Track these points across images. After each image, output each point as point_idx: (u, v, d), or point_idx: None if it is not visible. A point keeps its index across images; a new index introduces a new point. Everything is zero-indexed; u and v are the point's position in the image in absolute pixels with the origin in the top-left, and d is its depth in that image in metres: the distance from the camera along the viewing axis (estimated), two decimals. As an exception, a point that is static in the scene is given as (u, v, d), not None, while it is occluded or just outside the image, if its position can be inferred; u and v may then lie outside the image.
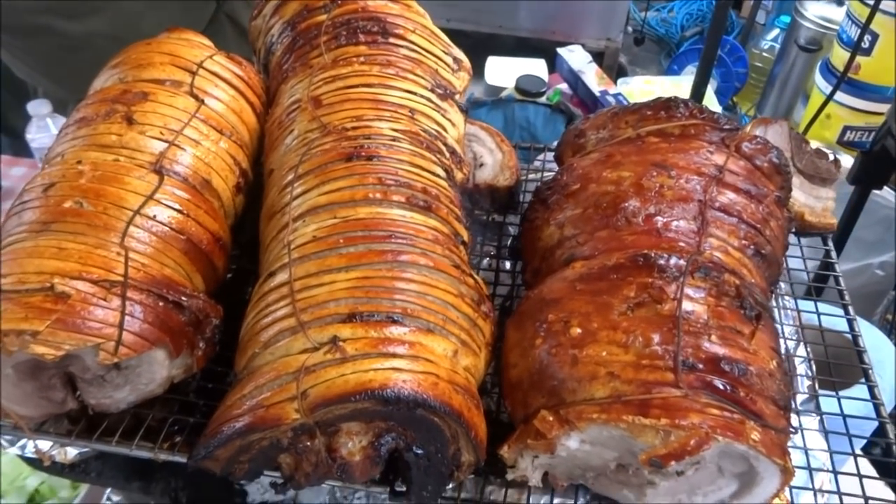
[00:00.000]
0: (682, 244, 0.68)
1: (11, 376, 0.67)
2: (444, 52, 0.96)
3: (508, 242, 0.94)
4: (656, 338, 0.60)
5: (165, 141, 0.79)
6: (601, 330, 0.62)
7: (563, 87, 2.42)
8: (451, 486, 0.69)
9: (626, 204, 0.71)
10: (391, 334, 0.62)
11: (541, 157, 1.11)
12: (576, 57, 2.43)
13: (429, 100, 0.86)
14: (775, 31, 3.43)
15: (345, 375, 0.59)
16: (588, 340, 0.62)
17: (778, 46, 3.23)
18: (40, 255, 0.67)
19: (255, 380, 0.62)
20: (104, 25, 1.61)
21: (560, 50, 2.46)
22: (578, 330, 0.63)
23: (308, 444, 0.62)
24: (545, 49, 2.68)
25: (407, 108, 0.83)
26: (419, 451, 0.63)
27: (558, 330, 0.64)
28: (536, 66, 2.46)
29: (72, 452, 0.79)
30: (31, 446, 0.78)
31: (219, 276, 0.80)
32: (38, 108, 1.74)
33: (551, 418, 0.61)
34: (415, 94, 0.85)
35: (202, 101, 0.85)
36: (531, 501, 0.71)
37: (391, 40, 0.90)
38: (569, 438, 0.61)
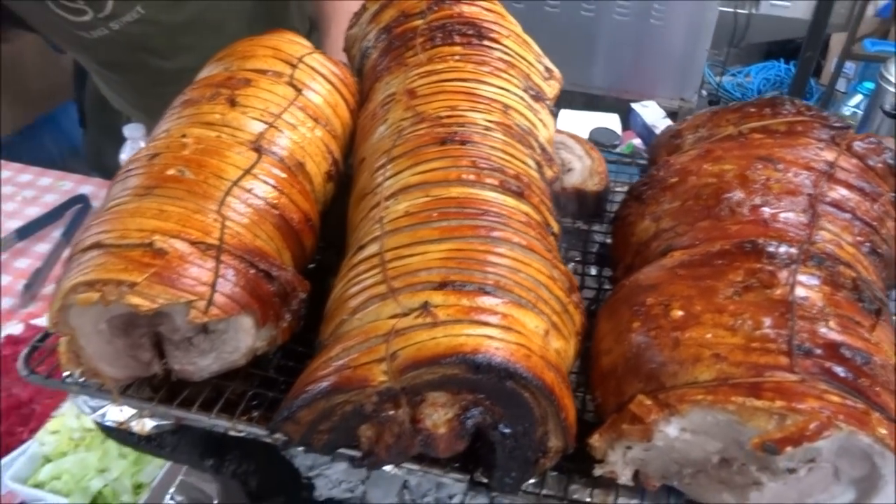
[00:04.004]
0: (791, 234, 0.64)
1: (105, 332, 0.68)
2: (536, 59, 0.96)
3: (595, 249, 0.92)
4: (767, 321, 0.57)
5: (265, 122, 0.81)
6: (705, 313, 0.59)
7: (637, 142, 2.42)
8: (533, 479, 0.66)
9: (730, 195, 0.68)
10: (483, 304, 0.60)
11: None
12: (650, 112, 2.44)
13: (521, 98, 0.86)
14: (858, 98, 3.37)
15: (436, 339, 0.57)
16: (691, 323, 0.59)
17: (861, 112, 3.16)
18: (142, 215, 0.69)
19: (343, 342, 0.61)
20: (193, 62, 1.71)
21: (634, 105, 2.46)
22: (680, 312, 0.60)
23: (392, 412, 0.60)
24: (618, 108, 2.69)
25: (500, 102, 0.83)
26: (506, 430, 0.60)
27: (658, 313, 0.61)
28: (610, 120, 2.47)
29: (149, 424, 0.79)
30: (111, 414, 0.78)
31: (306, 255, 0.80)
32: (133, 131, 1.83)
33: (649, 402, 0.57)
34: (508, 91, 0.85)
35: (300, 91, 0.87)
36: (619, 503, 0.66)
37: (485, 43, 0.91)
38: (668, 424, 0.57)
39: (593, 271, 0.92)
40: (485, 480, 0.65)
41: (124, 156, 1.88)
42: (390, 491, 0.86)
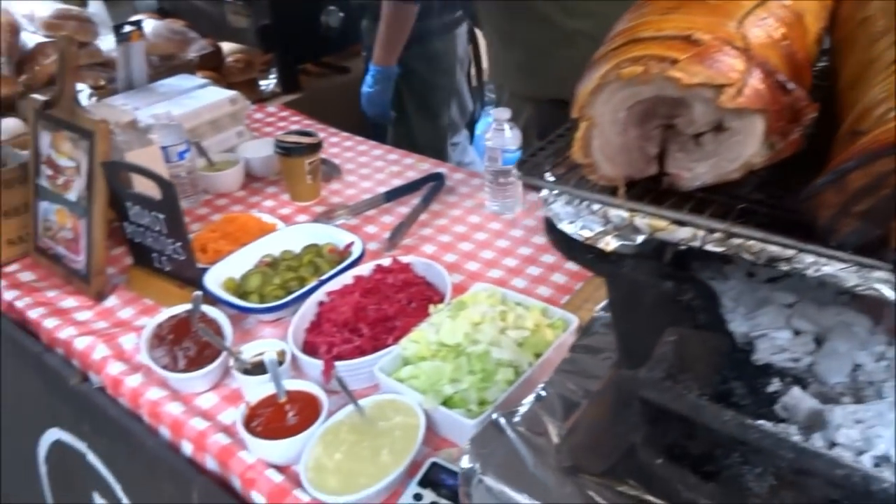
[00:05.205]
0: None
1: (621, 121, 0.74)
2: None
3: None
4: None
5: (770, -26, 0.83)
6: None
7: None
8: None
9: None
10: None
11: None
12: None
13: None
14: None
15: None
16: None
17: None
18: (672, 21, 0.74)
19: (905, 117, 0.58)
20: (590, 27, 1.80)
21: None
22: None
23: (961, 188, 0.55)
24: None
25: None
26: None
27: None
28: None
29: (613, 244, 0.82)
30: (581, 228, 0.82)
31: (802, 96, 0.79)
32: (500, 113, 1.96)
33: None
34: None
35: (794, -38, 0.88)
36: None
37: None
38: None
39: None
40: None
41: (488, 135, 2.00)
42: (842, 369, 0.80)
